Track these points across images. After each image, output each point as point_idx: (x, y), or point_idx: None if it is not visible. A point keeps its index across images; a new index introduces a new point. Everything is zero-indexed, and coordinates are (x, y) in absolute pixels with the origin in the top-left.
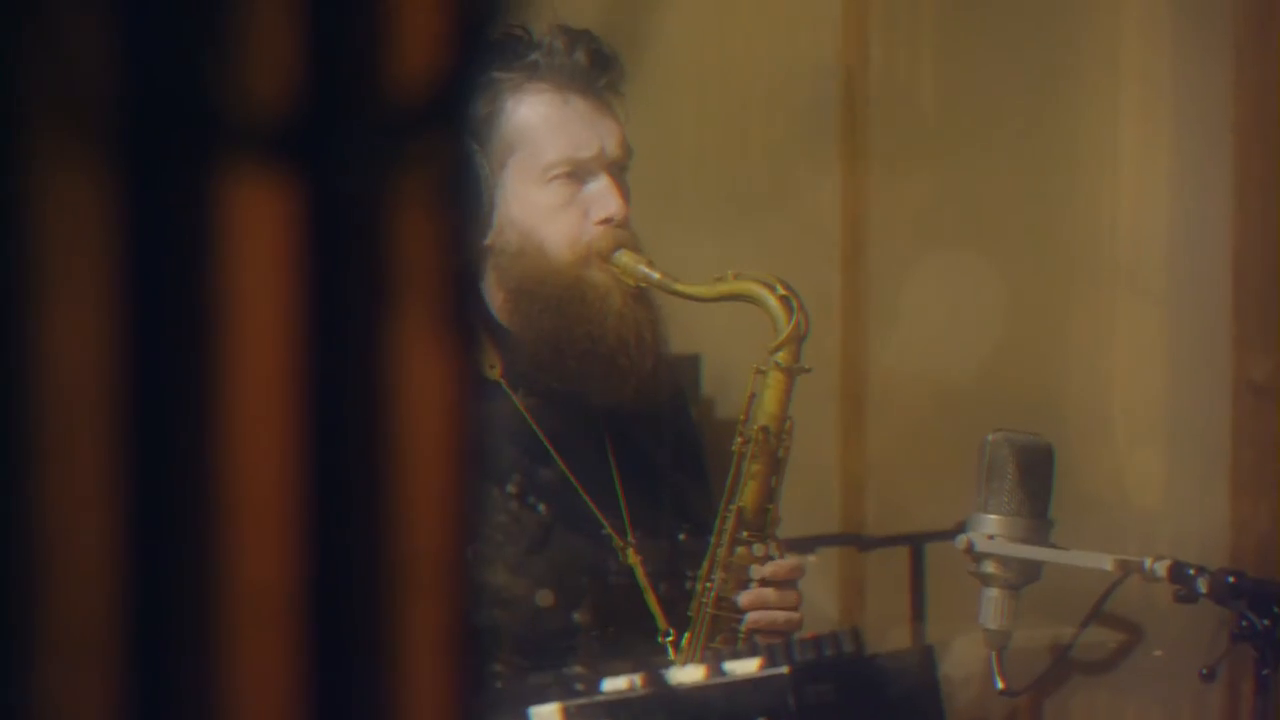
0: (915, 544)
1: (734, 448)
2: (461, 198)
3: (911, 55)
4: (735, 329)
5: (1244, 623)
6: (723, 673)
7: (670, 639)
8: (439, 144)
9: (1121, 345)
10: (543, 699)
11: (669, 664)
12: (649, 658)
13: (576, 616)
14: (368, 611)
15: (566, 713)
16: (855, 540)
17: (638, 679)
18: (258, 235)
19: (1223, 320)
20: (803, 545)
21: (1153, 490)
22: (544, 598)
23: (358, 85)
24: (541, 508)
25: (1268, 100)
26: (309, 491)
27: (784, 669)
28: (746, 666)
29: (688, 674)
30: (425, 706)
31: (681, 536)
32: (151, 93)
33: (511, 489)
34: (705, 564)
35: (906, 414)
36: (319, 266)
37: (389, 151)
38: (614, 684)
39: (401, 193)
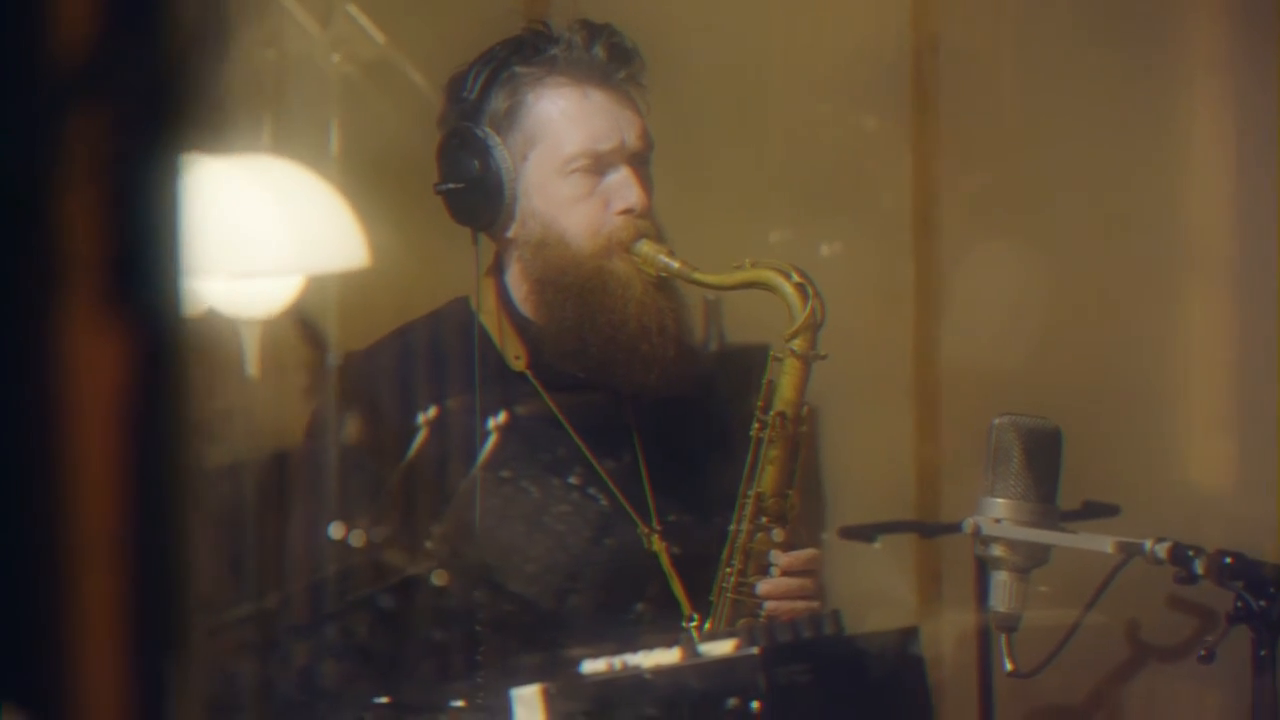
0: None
1: (751, 433)
2: (125, 179)
3: (985, 39)
4: None
5: (1240, 604)
6: (698, 654)
7: (695, 624)
8: (99, 125)
9: (1190, 333)
10: (529, 680)
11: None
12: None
13: (605, 602)
14: (33, 591)
15: (546, 693)
16: (918, 527)
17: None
18: None
19: None
20: (861, 532)
21: (1221, 477)
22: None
23: (14, 67)
24: (587, 495)
25: None
26: None
27: (754, 650)
28: (721, 648)
29: (664, 656)
30: (96, 683)
31: (712, 523)
32: None
33: (574, 480)
34: (725, 549)
35: (978, 402)
36: None
37: (49, 133)
38: (593, 666)
39: (63, 174)
